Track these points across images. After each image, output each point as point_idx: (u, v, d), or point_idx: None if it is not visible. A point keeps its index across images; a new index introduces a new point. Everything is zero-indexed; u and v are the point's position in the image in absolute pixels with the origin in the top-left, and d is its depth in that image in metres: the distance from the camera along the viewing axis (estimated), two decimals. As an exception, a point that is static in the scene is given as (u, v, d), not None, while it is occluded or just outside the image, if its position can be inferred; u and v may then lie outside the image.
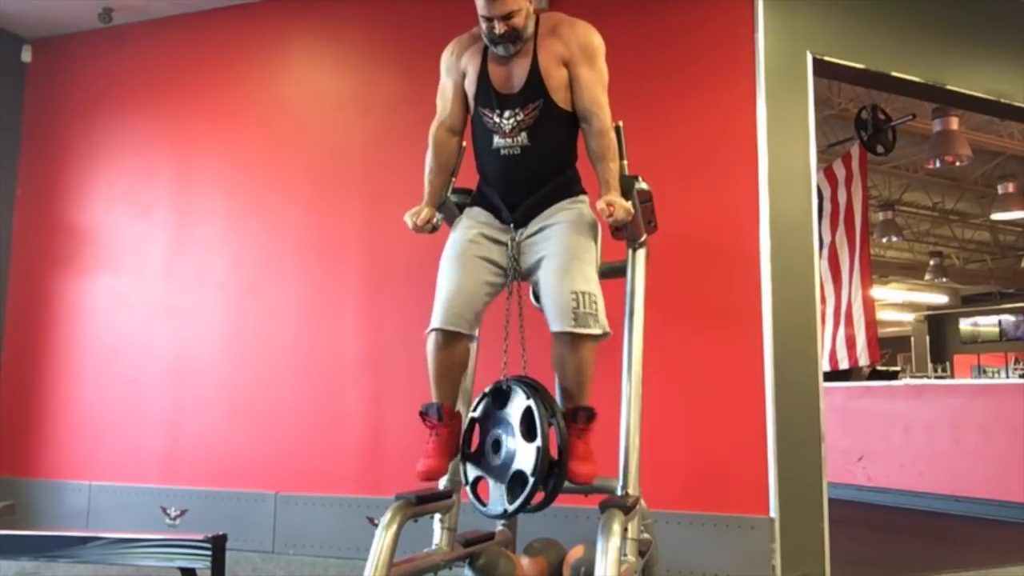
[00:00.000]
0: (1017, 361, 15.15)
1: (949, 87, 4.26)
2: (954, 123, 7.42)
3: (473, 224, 2.53)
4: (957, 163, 7.78)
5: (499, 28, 2.37)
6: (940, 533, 5.23)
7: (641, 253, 2.78)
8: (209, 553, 2.04)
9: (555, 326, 2.33)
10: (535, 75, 2.45)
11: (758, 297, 3.61)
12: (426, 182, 2.60)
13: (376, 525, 2.26)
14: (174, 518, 4.35)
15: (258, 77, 4.70)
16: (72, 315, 4.86)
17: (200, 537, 2.07)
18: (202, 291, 4.59)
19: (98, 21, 4.79)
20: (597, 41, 2.52)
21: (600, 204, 2.38)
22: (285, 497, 4.22)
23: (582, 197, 2.56)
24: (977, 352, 16.93)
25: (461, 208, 2.63)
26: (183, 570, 2.12)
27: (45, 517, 4.57)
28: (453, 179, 2.61)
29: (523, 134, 2.46)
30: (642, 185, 2.53)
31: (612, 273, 2.81)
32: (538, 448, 2.30)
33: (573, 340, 2.31)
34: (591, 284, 2.37)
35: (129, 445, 4.57)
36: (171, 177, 4.79)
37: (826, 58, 3.89)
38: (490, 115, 2.49)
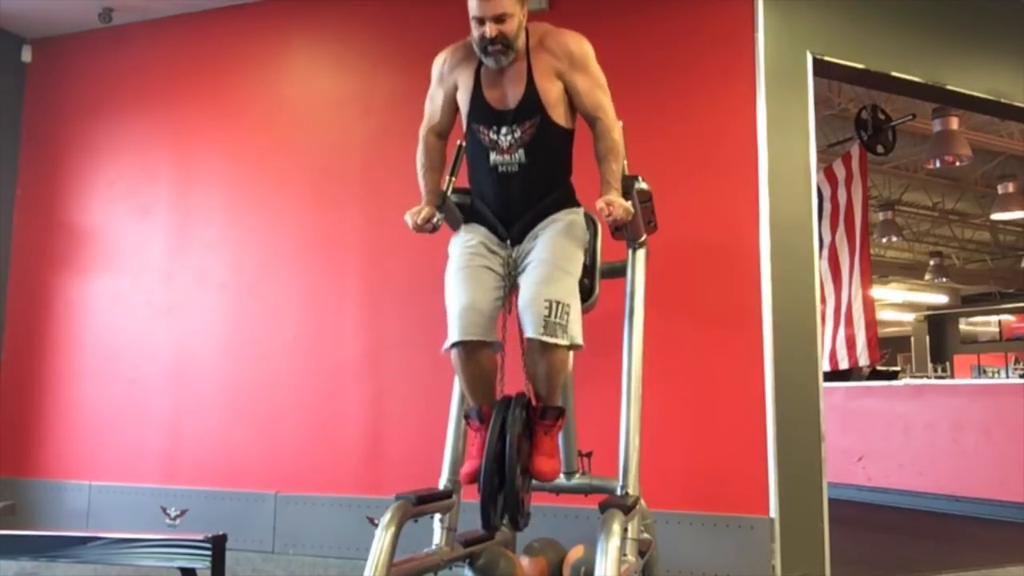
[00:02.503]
0: (1017, 361, 15.14)
1: (949, 87, 4.27)
2: (954, 123, 7.42)
3: (474, 236, 2.54)
4: (957, 163, 7.78)
5: (490, 30, 2.36)
6: (940, 533, 5.23)
7: (641, 253, 2.78)
8: (209, 553, 2.04)
9: (527, 331, 2.35)
10: (532, 92, 2.44)
11: (758, 297, 3.61)
12: (421, 184, 2.61)
13: (376, 525, 2.26)
14: (174, 518, 4.35)
15: (258, 77, 4.70)
16: (72, 315, 4.86)
17: (200, 537, 2.07)
18: (202, 291, 4.59)
19: (98, 21, 4.79)
20: (586, 47, 2.51)
21: (600, 203, 2.38)
22: (285, 497, 4.22)
23: (576, 209, 2.57)
24: (977, 352, 16.93)
25: (461, 208, 2.62)
26: (183, 570, 2.11)
27: (45, 517, 4.56)
28: (453, 179, 2.60)
29: (520, 151, 2.46)
30: (642, 185, 2.54)
31: (612, 273, 2.82)
32: (488, 449, 2.30)
33: (542, 347, 2.32)
34: (567, 295, 2.36)
35: (129, 445, 4.57)
36: (171, 177, 4.79)
37: (826, 58, 3.89)
38: (486, 132, 2.48)
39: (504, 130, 2.45)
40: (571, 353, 2.43)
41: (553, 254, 2.42)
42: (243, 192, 4.63)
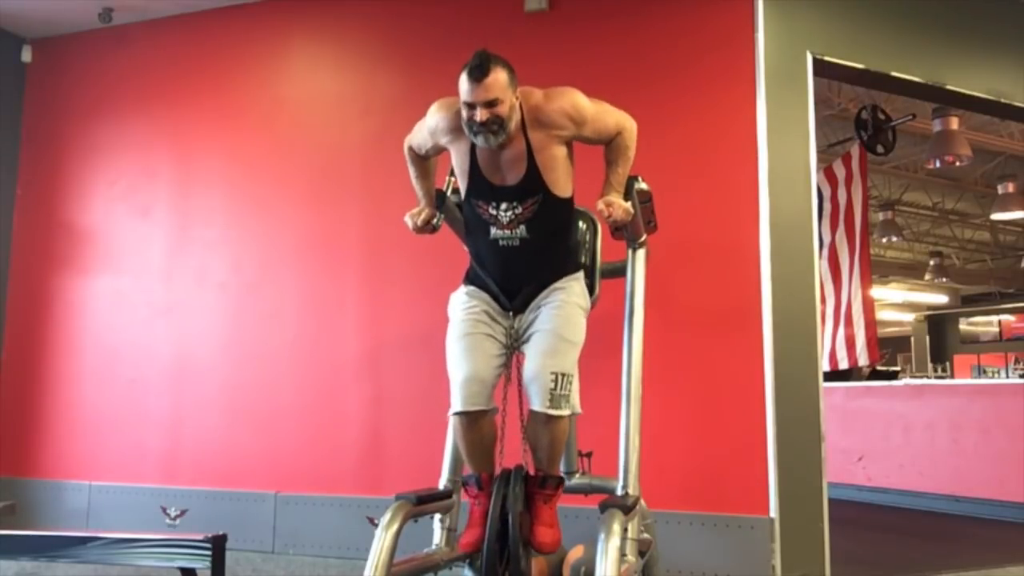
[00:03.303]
0: (1017, 361, 15.14)
1: (949, 87, 4.27)
2: (954, 123, 7.41)
3: (477, 303, 2.52)
4: (957, 163, 7.78)
5: (480, 115, 2.26)
6: (940, 533, 5.23)
7: (641, 253, 2.78)
8: (209, 553, 2.04)
9: (533, 404, 2.37)
10: (533, 172, 2.39)
11: (758, 297, 3.61)
12: (416, 188, 2.62)
13: (376, 525, 2.26)
14: (174, 518, 4.35)
15: (258, 77, 4.70)
16: (72, 315, 4.86)
17: (200, 537, 2.07)
18: (202, 291, 4.59)
19: (98, 21, 4.79)
20: (578, 100, 2.40)
21: (599, 204, 2.38)
22: (285, 497, 4.22)
23: (576, 275, 2.56)
24: (977, 352, 16.92)
25: (461, 208, 2.62)
26: (183, 570, 2.11)
27: (45, 517, 4.57)
28: (453, 179, 2.60)
29: (522, 226, 2.43)
30: (642, 185, 2.54)
31: (612, 273, 2.82)
32: (491, 528, 2.32)
33: (547, 419, 2.35)
34: (571, 365, 2.38)
35: (129, 445, 4.58)
36: (171, 177, 4.79)
37: (826, 58, 3.89)
38: (485, 207, 2.45)
39: (504, 206, 2.42)
40: (572, 420, 2.45)
41: (557, 324, 2.42)
42: (243, 192, 4.63)
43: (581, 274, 2.58)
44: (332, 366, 4.29)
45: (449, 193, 2.61)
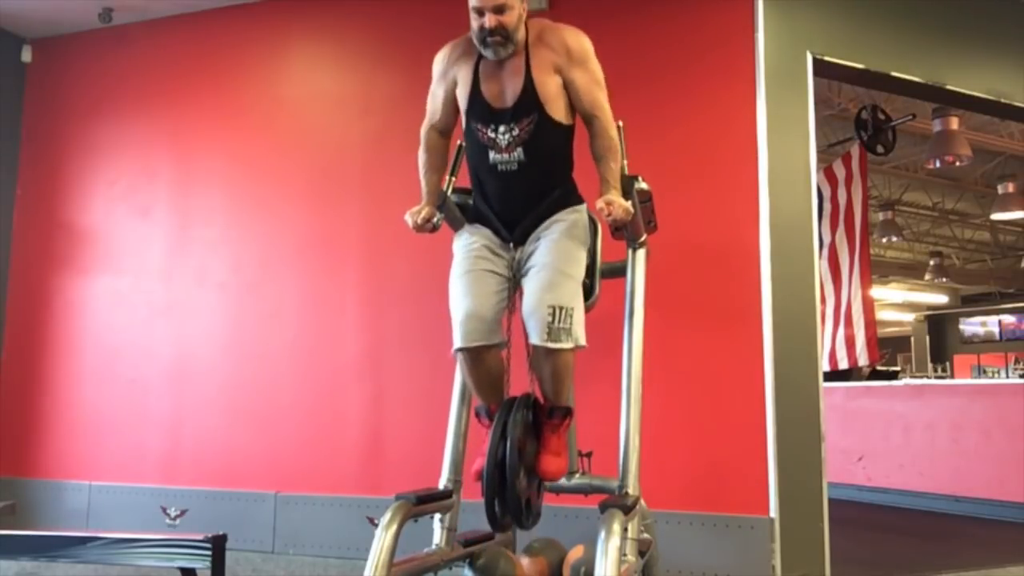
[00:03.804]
0: (1017, 361, 15.14)
1: (949, 87, 4.27)
2: (954, 123, 7.42)
3: (477, 238, 2.53)
4: (957, 163, 7.78)
5: (489, 21, 2.35)
6: (940, 533, 5.23)
7: (641, 253, 2.78)
8: (209, 553, 2.04)
9: (532, 338, 2.36)
10: (529, 89, 2.43)
11: (758, 297, 3.61)
12: (423, 182, 2.60)
13: (376, 525, 2.26)
14: (174, 518, 4.35)
15: (258, 77, 4.70)
16: (72, 315, 4.86)
17: (200, 537, 2.07)
18: (202, 291, 4.59)
19: (98, 21, 4.79)
20: (586, 43, 2.49)
21: (599, 203, 2.37)
22: (285, 497, 4.22)
23: (579, 207, 2.56)
24: (977, 352, 16.93)
25: (462, 208, 2.62)
26: (183, 570, 2.11)
27: (45, 517, 4.57)
28: (453, 179, 2.61)
29: (519, 149, 2.44)
30: (642, 185, 2.54)
31: (612, 273, 2.82)
32: (490, 452, 2.31)
33: (548, 352, 2.34)
34: (570, 298, 2.37)
35: (129, 445, 4.58)
36: (171, 177, 4.79)
37: (826, 58, 3.89)
38: (484, 130, 2.47)
39: (502, 128, 2.44)
40: (575, 352, 2.42)
41: (555, 258, 2.42)
42: (243, 192, 4.63)
43: (583, 207, 2.56)
44: (332, 366, 4.29)
45: (449, 192, 2.60)
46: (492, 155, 2.47)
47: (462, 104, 2.53)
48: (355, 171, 4.41)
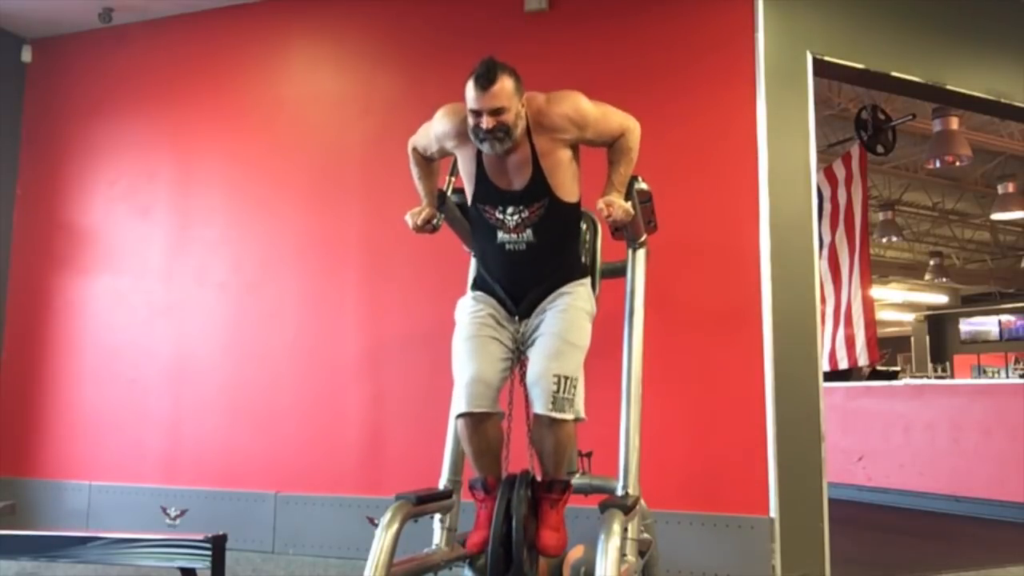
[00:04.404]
0: (1017, 361, 15.14)
1: (949, 87, 4.27)
2: (954, 123, 7.41)
3: (483, 307, 2.52)
4: (957, 163, 7.78)
5: (487, 123, 2.28)
6: (940, 533, 5.23)
7: (641, 253, 2.78)
8: (209, 553, 2.04)
9: (535, 407, 2.37)
10: (538, 176, 2.40)
11: (758, 297, 3.61)
12: (419, 187, 2.62)
13: (376, 525, 2.26)
14: (174, 518, 4.35)
15: (258, 77, 4.70)
16: (72, 315, 4.86)
17: (200, 537, 2.07)
18: (202, 291, 4.59)
19: (98, 21, 4.79)
20: (580, 103, 2.42)
21: (599, 204, 2.38)
22: (285, 497, 4.22)
23: (583, 280, 2.56)
24: (977, 352, 16.92)
25: (462, 208, 2.62)
26: (183, 570, 2.11)
27: (45, 517, 4.57)
28: (453, 179, 2.61)
29: (528, 230, 2.44)
30: (642, 185, 2.54)
31: (612, 273, 2.82)
32: (494, 532, 2.32)
33: (551, 422, 2.34)
34: (575, 369, 2.37)
35: (129, 445, 4.58)
36: (171, 177, 4.79)
37: (826, 58, 3.89)
38: (492, 212, 2.46)
39: (511, 210, 2.43)
40: (576, 424, 2.43)
41: (561, 328, 2.41)
42: (243, 192, 4.63)
43: (588, 280, 2.59)
44: (332, 366, 4.29)
45: (449, 193, 2.61)
46: (500, 235, 2.47)
47: (468, 187, 2.50)
48: (355, 171, 4.41)
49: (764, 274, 3.61)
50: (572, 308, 2.46)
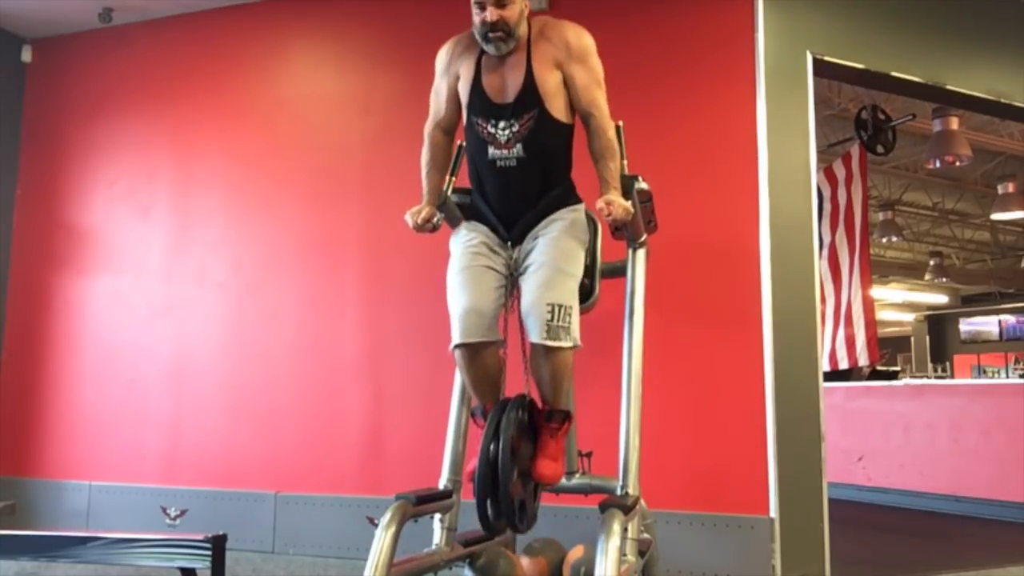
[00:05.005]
0: (1017, 361, 15.14)
1: (949, 87, 4.26)
2: (954, 123, 7.41)
3: (475, 235, 2.52)
4: (957, 163, 7.78)
5: (491, 15, 2.36)
6: (940, 533, 5.23)
7: (641, 253, 2.78)
8: (209, 553, 2.04)
9: (531, 336, 2.35)
10: (530, 84, 2.43)
11: (758, 297, 3.61)
12: (424, 181, 2.60)
13: (376, 525, 2.26)
14: (174, 518, 4.35)
15: (258, 77, 4.70)
16: (72, 315, 4.86)
17: (200, 537, 2.07)
18: (202, 291, 4.59)
19: (98, 21, 4.79)
20: (587, 40, 2.49)
21: (599, 203, 2.37)
22: (285, 497, 4.22)
23: (578, 206, 2.55)
24: (977, 352, 16.93)
25: (462, 208, 2.62)
26: (183, 570, 2.11)
27: (45, 517, 4.57)
28: (453, 179, 2.61)
29: (518, 145, 2.44)
30: (642, 185, 2.54)
31: (612, 273, 2.82)
32: (482, 452, 2.29)
33: (547, 351, 2.32)
34: (568, 296, 2.36)
35: (129, 445, 4.57)
36: (171, 177, 4.79)
37: (826, 58, 3.89)
38: (484, 125, 2.47)
39: (502, 124, 2.44)
40: (574, 352, 2.41)
41: (553, 256, 2.41)
42: (243, 192, 4.63)
43: (581, 207, 2.55)
44: (332, 366, 4.29)
45: (449, 192, 2.61)
46: (491, 151, 2.47)
47: (463, 98, 2.53)
48: (355, 171, 4.41)
49: (764, 274, 3.61)
50: (564, 235, 2.45)
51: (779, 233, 3.64)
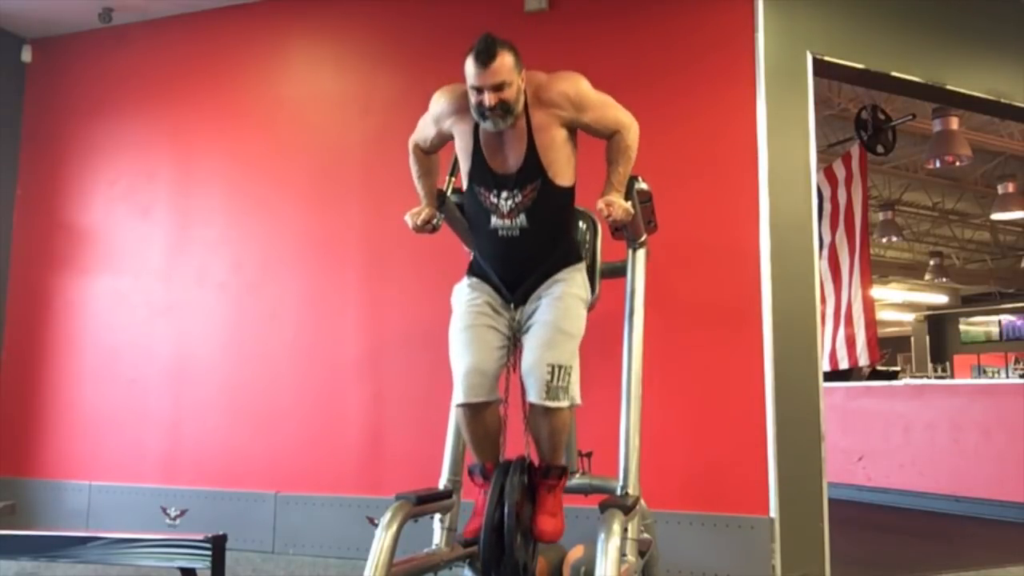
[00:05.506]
0: (1017, 361, 15.14)
1: (949, 87, 4.27)
2: (954, 123, 7.41)
3: (479, 294, 2.51)
4: (957, 163, 7.78)
5: (489, 100, 2.29)
6: (940, 533, 5.23)
7: (641, 253, 2.78)
8: (209, 553, 2.04)
9: (530, 396, 2.37)
10: (532, 155, 2.40)
11: (758, 297, 3.61)
12: (418, 186, 2.62)
13: (376, 525, 2.26)
14: (174, 518, 4.35)
15: (258, 77, 4.70)
16: (72, 315, 4.86)
17: (200, 537, 2.07)
18: (202, 291, 4.59)
19: (98, 21, 4.79)
20: (581, 85, 2.44)
21: (599, 204, 2.38)
22: (285, 497, 4.22)
23: (578, 265, 2.55)
24: (977, 352, 16.92)
25: (461, 208, 2.62)
26: (183, 570, 2.11)
27: (45, 517, 4.57)
28: (453, 179, 2.61)
29: (522, 215, 2.43)
30: (642, 185, 2.54)
31: (612, 273, 2.82)
32: (487, 518, 2.32)
33: (546, 411, 2.34)
34: (568, 357, 2.37)
35: (129, 445, 4.58)
36: (171, 177, 4.79)
37: (826, 58, 3.89)
38: (486, 195, 2.45)
39: (505, 194, 2.42)
40: (573, 410, 2.42)
41: (555, 316, 2.41)
42: (243, 192, 4.63)
43: (583, 265, 2.57)
44: (332, 366, 4.29)
45: (449, 193, 2.61)
46: (494, 220, 2.46)
47: (463, 164, 2.51)
48: (355, 171, 4.41)
49: (764, 274, 3.61)
50: (566, 295, 2.45)
51: (779, 233, 3.64)
